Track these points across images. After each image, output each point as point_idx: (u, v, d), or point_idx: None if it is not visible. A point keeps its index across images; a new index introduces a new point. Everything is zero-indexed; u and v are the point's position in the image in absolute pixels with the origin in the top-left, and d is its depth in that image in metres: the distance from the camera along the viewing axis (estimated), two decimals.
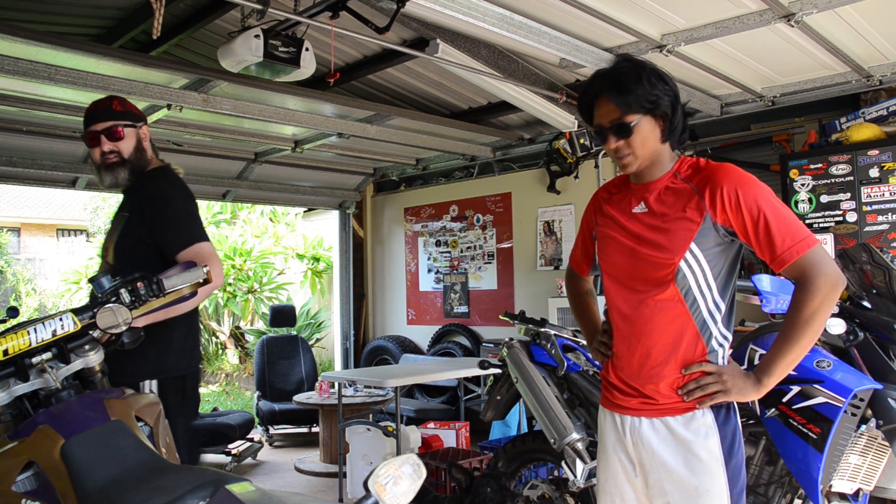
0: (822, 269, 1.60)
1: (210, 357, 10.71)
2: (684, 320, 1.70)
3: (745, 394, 1.66)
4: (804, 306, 1.61)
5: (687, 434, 1.69)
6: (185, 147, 5.85)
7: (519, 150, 6.25)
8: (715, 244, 1.67)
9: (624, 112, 1.68)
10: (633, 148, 1.71)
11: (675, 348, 1.71)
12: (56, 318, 1.47)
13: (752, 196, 1.62)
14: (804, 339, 1.61)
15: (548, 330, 3.06)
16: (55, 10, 3.91)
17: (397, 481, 1.14)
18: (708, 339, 1.71)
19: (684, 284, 1.68)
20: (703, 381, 1.68)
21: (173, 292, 1.64)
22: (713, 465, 1.67)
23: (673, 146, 1.78)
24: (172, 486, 1.20)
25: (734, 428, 1.71)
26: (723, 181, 1.66)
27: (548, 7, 3.25)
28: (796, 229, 1.61)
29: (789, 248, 1.60)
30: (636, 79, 1.68)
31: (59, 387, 1.45)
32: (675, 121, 1.72)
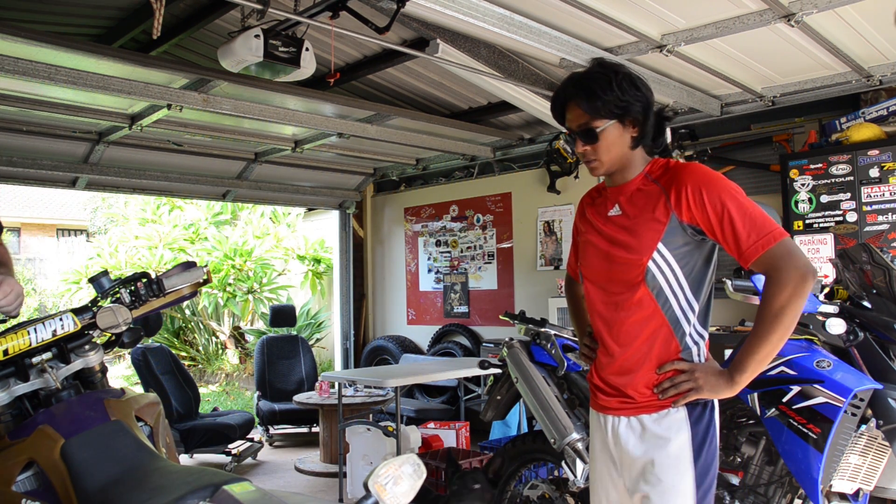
0: (790, 262, 1.57)
1: (210, 357, 10.71)
2: (657, 320, 1.71)
3: (718, 391, 1.66)
4: (772, 301, 1.59)
5: (659, 430, 1.70)
6: (185, 147, 5.86)
7: (519, 150, 6.25)
8: (683, 243, 1.68)
9: (592, 117, 1.71)
10: (598, 153, 1.74)
11: (650, 348, 1.72)
12: (56, 318, 1.47)
13: (715, 193, 1.63)
14: (774, 334, 1.59)
15: (548, 330, 3.06)
16: (55, 10, 3.91)
17: (397, 481, 1.14)
18: (682, 338, 1.72)
19: (654, 285, 1.70)
20: (676, 379, 1.69)
21: (173, 292, 1.65)
22: (682, 462, 1.67)
23: (650, 152, 1.80)
24: (172, 486, 1.20)
25: (708, 426, 1.70)
26: (686, 180, 1.67)
27: (548, 7, 3.25)
28: (762, 224, 1.60)
29: (755, 242, 1.59)
30: (606, 85, 1.69)
31: (59, 387, 1.45)
32: (647, 127, 1.73)
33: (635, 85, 1.71)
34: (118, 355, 11.11)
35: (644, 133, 1.74)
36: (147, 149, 5.72)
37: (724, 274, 4.79)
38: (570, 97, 1.74)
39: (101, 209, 14.88)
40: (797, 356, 2.38)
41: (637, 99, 1.70)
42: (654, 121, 1.79)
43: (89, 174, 5.73)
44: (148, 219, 11.18)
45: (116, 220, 12.89)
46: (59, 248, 18.06)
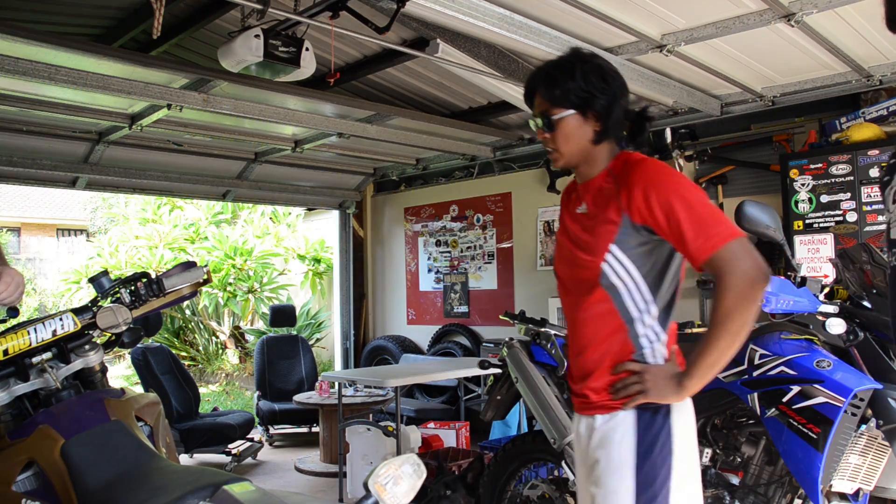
0: (736, 266, 1.49)
1: (210, 357, 10.72)
2: (614, 321, 1.66)
3: (665, 396, 1.60)
4: (718, 306, 1.52)
5: (606, 431, 1.66)
6: (185, 147, 5.86)
7: (519, 149, 6.25)
8: (638, 244, 1.62)
9: (550, 105, 1.67)
10: (556, 143, 1.70)
11: (607, 349, 1.68)
12: (56, 318, 1.47)
13: (663, 193, 1.56)
14: (721, 341, 1.52)
15: (548, 330, 3.06)
16: (55, 10, 3.91)
17: (397, 481, 1.14)
18: (637, 339, 1.66)
19: (610, 286, 1.65)
20: (628, 380, 1.64)
21: (173, 292, 1.65)
22: (623, 468, 1.62)
23: (627, 146, 1.75)
24: (172, 486, 1.20)
25: (658, 434, 1.62)
26: (635, 181, 1.61)
27: (548, 7, 3.25)
28: (711, 224, 1.52)
29: (702, 244, 1.51)
30: (568, 73, 1.64)
31: (59, 387, 1.45)
32: (610, 122, 1.67)
33: (603, 77, 1.65)
34: (118, 355, 11.11)
35: (607, 128, 1.68)
36: (147, 149, 5.72)
37: None
38: (536, 84, 1.71)
39: (101, 209, 14.88)
40: (797, 356, 2.38)
41: (602, 92, 1.64)
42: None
43: (89, 174, 5.72)
44: (148, 218, 11.18)
45: (117, 219, 12.89)
46: (59, 248, 18.07)
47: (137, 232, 10.95)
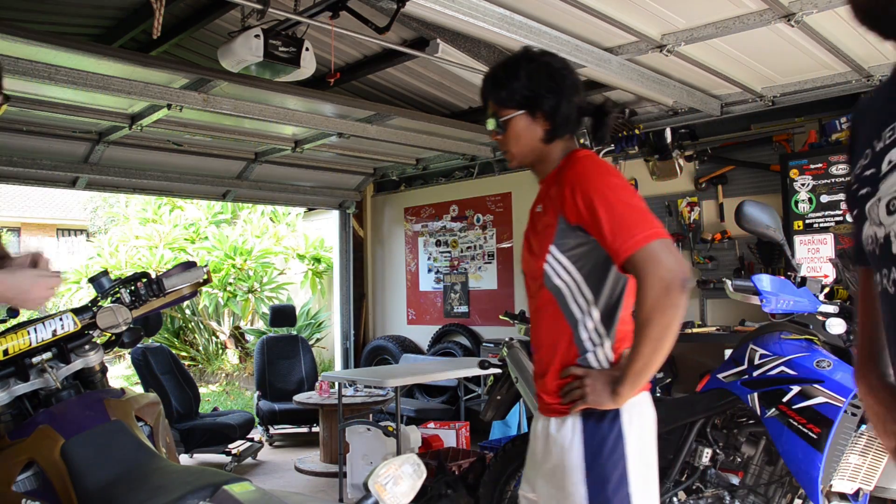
0: (652, 269, 1.45)
1: (210, 357, 10.72)
2: (560, 323, 1.64)
3: (601, 402, 1.56)
4: (639, 311, 1.49)
5: (557, 437, 1.64)
6: (185, 147, 5.86)
7: None
8: (577, 245, 1.60)
9: (499, 107, 1.67)
10: (507, 144, 1.70)
11: (555, 351, 1.66)
12: (56, 317, 1.47)
13: (587, 193, 1.53)
14: (645, 347, 1.48)
15: None
16: (55, 10, 3.91)
17: (397, 481, 1.14)
18: (580, 342, 1.63)
19: (553, 286, 1.63)
20: (571, 384, 1.61)
21: (173, 292, 1.65)
22: (574, 472, 1.59)
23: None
24: (172, 486, 1.20)
25: (607, 437, 1.59)
26: (566, 180, 1.59)
27: (548, 7, 3.25)
28: (631, 225, 1.49)
29: (620, 244, 1.48)
30: (512, 74, 1.64)
31: (59, 387, 1.45)
32: (558, 120, 1.64)
33: (550, 75, 1.63)
34: (118, 355, 11.11)
35: (556, 127, 1.65)
36: (147, 149, 5.72)
37: (725, 274, 4.81)
38: (485, 87, 1.72)
39: (101, 209, 14.88)
40: (797, 356, 2.38)
41: (549, 90, 1.62)
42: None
43: (89, 174, 5.72)
44: (148, 218, 11.18)
45: (117, 219, 12.89)
46: (59, 248, 18.07)
47: (137, 232, 10.95)
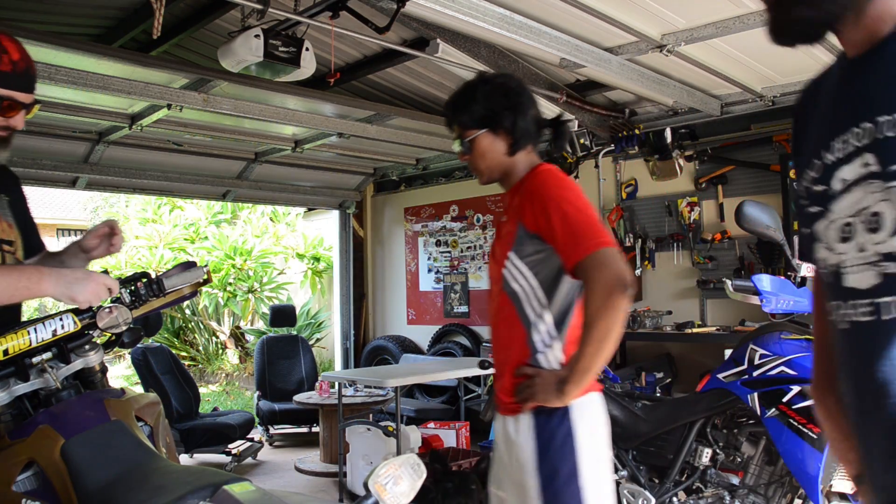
0: (597, 275, 1.57)
1: (210, 357, 10.72)
2: (516, 326, 1.75)
3: (549, 399, 1.66)
4: (585, 312, 1.62)
5: (512, 434, 1.75)
6: (185, 147, 5.86)
7: None
8: (533, 252, 1.71)
9: (462, 129, 1.82)
10: (475, 162, 1.83)
11: (510, 352, 1.77)
12: (56, 317, 1.47)
13: (543, 203, 1.66)
14: (589, 346, 1.59)
15: None
16: (55, 10, 3.91)
17: (397, 481, 1.14)
18: (533, 343, 1.73)
19: (510, 291, 1.75)
20: (522, 384, 1.72)
21: (173, 292, 1.65)
22: (527, 465, 1.70)
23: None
24: (172, 486, 1.20)
25: (556, 433, 1.68)
26: (525, 190, 1.73)
27: (548, 7, 3.25)
28: (581, 233, 1.61)
29: (570, 252, 1.61)
30: (469, 97, 1.80)
31: (59, 387, 1.45)
32: (517, 134, 1.77)
33: (505, 94, 1.78)
34: (118, 355, 11.11)
35: (517, 140, 1.78)
36: (147, 149, 5.72)
37: (725, 274, 4.82)
38: (447, 113, 1.88)
39: (101, 209, 14.88)
40: (797, 356, 2.38)
41: (505, 108, 1.76)
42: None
43: (89, 174, 5.72)
44: (148, 218, 11.18)
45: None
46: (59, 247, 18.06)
47: (137, 232, 10.96)
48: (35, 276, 1.48)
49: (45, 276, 1.49)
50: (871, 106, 0.81)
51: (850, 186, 0.83)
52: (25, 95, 1.67)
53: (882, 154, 0.79)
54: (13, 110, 1.65)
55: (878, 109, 0.80)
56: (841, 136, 0.85)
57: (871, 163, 0.80)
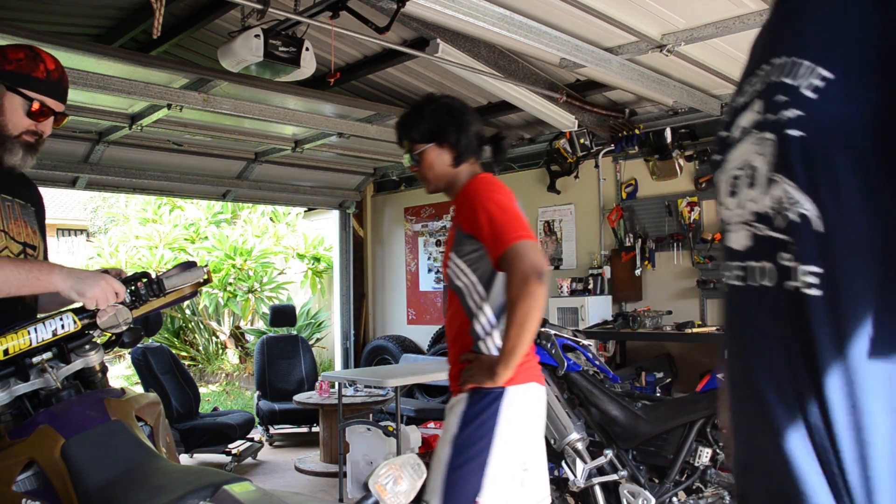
0: (515, 264, 1.76)
1: (210, 357, 10.72)
2: (461, 316, 1.97)
3: (483, 380, 1.87)
4: (507, 299, 1.82)
5: (447, 410, 1.99)
6: (185, 147, 5.86)
7: (519, 149, 6.25)
8: (471, 251, 1.93)
9: (412, 143, 2.04)
10: (424, 173, 2.05)
11: (456, 339, 2.01)
12: (56, 317, 1.47)
13: (475, 204, 1.88)
14: (511, 330, 1.78)
15: (548, 329, 3.06)
16: (55, 10, 3.91)
17: (398, 481, 1.14)
18: (475, 332, 1.95)
19: (455, 287, 1.97)
20: (465, 368, 1.94)
21: (174, 292, 1.65)
22: (447, 436, 1.91)
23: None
24: (173, 486, 1.20)
25: (482, 412, 1.88)
26: (461, 195, 1.96)
27: (548, 7, 3.25)
28: (503, 230, 1.81)
29: (494, 246, 1.82)
30: (418, 115, 2.03)
31: (59, 386, 1.45)
32: (460, 147, 2.00)
33: (450, 112, 2.01)
34: (118, 355, 11.11)
35: (461, 153, 2.01)
36: (147, 149, 5.72)
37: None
38: (399, 130, 2.10)
39: (101, 209, 14.88)
40: None
41: (450, 124, 1.99)
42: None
43: (89, 174, 5.72)
44: (148, 218, 11.18)
45: (117, 219, 12.89)
46: (59, 247, 18.07)
47: (137, 232, 10.96)
48: (46, 269, 1.51)
49: (56, 270, 1.51)
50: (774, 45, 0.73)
51: (744, 135, 0.75)
52: (56, 103, 1.76)
53: (766, 100, 0.70)
54: (44, 116, 1.73)
55: (775, 50, 0.72)
56: (750, 77, 0.77)
57: (759, 110, 0.72)
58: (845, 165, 0.63)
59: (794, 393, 0.68)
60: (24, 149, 1.72)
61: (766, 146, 0.69)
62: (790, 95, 0.66)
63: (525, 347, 1.82)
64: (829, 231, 0.64)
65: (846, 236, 0.64)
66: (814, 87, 0.65)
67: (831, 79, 0.64)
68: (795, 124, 0.65)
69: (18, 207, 1.79)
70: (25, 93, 1.70)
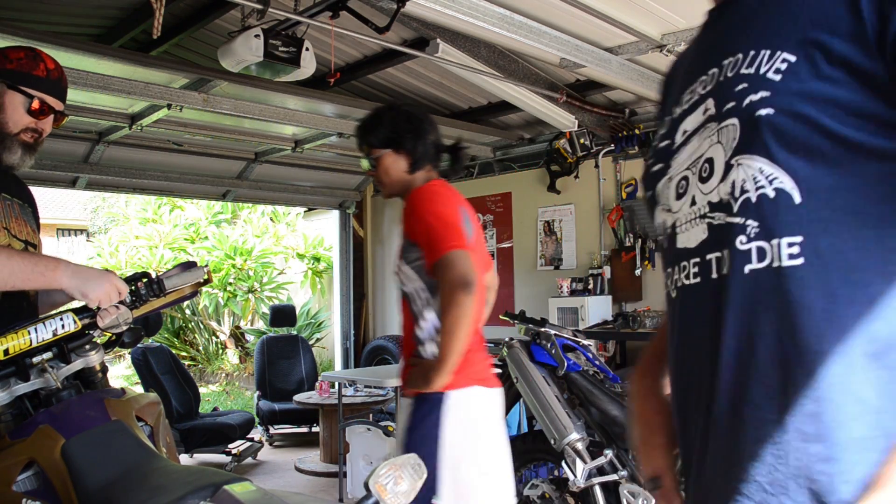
0: (446, 274, 1.82)
1: (210, 357, 10.72)
2: (410, 322, 2.03)
3: (420, 386, 1.93)
4: (440, 305, 1.89)
5: (403, 414, 2.04)
6: (185, 147, 5.86)
7: (519, 149, 6.25)
8: (416, 258, 1.98)
9: (370, 148, 2.10)
10: (380, 177, 2.10)
11: (406, 346, 2.06)
12: (56, 317, 1.47)
13: (416, 214, 1.95)
14: (443, 338, 1.85)
15: (548, 330, 3.06)
16: (55, 10, 3.91)
17: (398, 481, 1.14)
18: (417, 336, 2.01)
19: (404, 291, 2.03)
20: (410, 372, 1.99)
21: (174, 292, 1.65)
22: (399, 442, 1.99)
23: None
24: (173, 486, 1.20)
25: (426, 418, 1.93)
26: (406, 204, 2.02)
27: (548, 7, 3.25)
28: (438, 240, 1.86)
29: (429, 255, 1.89)
30: (376, 121, 2.10)
31: (59, 386, 1.45)
32: (417, 154, 2.06)
33: (408, 120, 2.08)
34: (118, 355, 11.11)
35: (416, 160, 2.06)
36: (147, 149, 5.72)
37: None
38: (358, 134, 2.15)
39: (101, 209, 14.88)
40: None
41: (407, 132, 2.06)
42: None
43: (89, 174, 5.72)
44: (148, 218, 11.18)
45: (117, 219, 12.89)
46: (59, 247, 18.07)
47: (137, 232, 10.95)
48: (52, 265, 1.51)
49: (63, 267, 1.51)
50: (720, 51, 0.77)
51: (689, 137, 0.78)
52: (57, 102, 1.78)
53: (720, 95, 0.74)
54: (44, 114, 1.74)
55: (724, 53, 0.76)
56: (689, 87, 0.81)
57: (710, 107, 0.75)
58: (815, 134, 0.65)
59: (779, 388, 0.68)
60: (23, 148, 1.72)
61: (727, 133, 0.71)
62: (752, 82, 0.70)
63: (458, 354, 1.84)
64: (806, 199, 0.66)
65: (824, 201, 0.66)
66: (776, 69, 0.68)
67: (793, 61, 0.67)
68: (762, 104, 0.68)
69: (17, 207, 1.80)
70: (26, 90, 1.70)
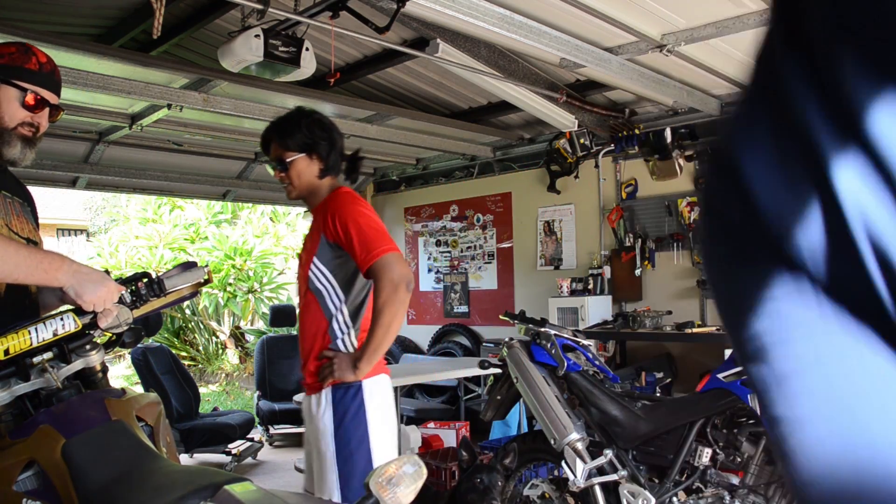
0: (384, 274, 1.97)
1: (210, 357, 10.72)
2: (319, 317, 2.13)
3: (345, 376, 2.04)
4: (374, 304, 2.02)
5: (314, 409, 2.11)
6: (185, 147, 5.86)
7: (519, 149, 6.25)
8: (333, 258, 2.10)
9: (283, 151, 2.15)
10: (290, 179, 2.17)
11: (314, 339, 2.14)
12: (57, 317, 1.47)
13: (343, 218, 2.04)
14: (378, 331, 2.01)
15: (548, 330, 3.06)
16: (55, 10, 3.91)
17: (398, 481, 1.14)
18: (333, 331, 2.12)
19: (315, 289, 2.13)
20: (324, 365, 2.08)
21: (174, 292, 1.65)
22: (326, 434, 2.06)
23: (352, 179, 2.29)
24: (173, 486, 1.20)
25: (350, 406, 2.06)
26: (328, 208, 2.10)
27: (548, 7, 3.25)
28: (372, 242, 1.99)
29: (364, 257, 2.00)
30: (295, 125, 2.15)
31: (59, 386, 1.45)
32: (330, 161, 2.17)
33: (322, 128, 2.16)
34: (118, 355, 11.11)
35: (328, 166, 2.17)
36: (147, 148, 5.73)
37: None
38: (270, 135, 2.19)
39: (101, 209, 14.88)
40: None
41: (322, 138, 2.14)
42: (349, 161, 2.26)
43: (89, 174, 5.73)
44: (148, 218, 11.18)
45: (117, 219, 12.89)
46: (60, 247, 18.07)
47: (137, 232, 10.95)
48: (56, 263, 1.50)
49: (65, 266, 1.50)
50: None
51: None
52: (51, 95, 1.79)
53: None
54: (40, 108, 1.75)
55: None
56: None
57: None
58: None
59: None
60: (21, 141, 1.72)
61: None
62: None
63: (388, 346, 2.05)
64: None
65: None
66: None
67: None
68: None
69: (18, 204, 1.80)
70: (19, 84, 1.70)
